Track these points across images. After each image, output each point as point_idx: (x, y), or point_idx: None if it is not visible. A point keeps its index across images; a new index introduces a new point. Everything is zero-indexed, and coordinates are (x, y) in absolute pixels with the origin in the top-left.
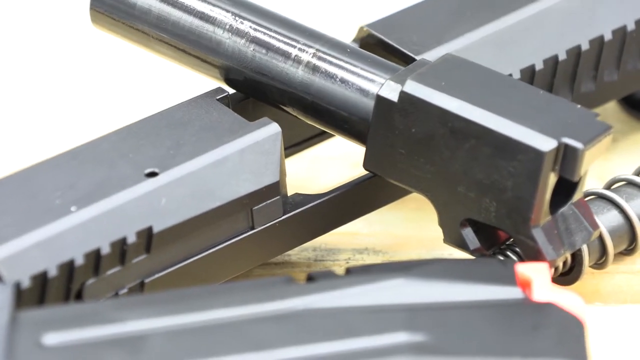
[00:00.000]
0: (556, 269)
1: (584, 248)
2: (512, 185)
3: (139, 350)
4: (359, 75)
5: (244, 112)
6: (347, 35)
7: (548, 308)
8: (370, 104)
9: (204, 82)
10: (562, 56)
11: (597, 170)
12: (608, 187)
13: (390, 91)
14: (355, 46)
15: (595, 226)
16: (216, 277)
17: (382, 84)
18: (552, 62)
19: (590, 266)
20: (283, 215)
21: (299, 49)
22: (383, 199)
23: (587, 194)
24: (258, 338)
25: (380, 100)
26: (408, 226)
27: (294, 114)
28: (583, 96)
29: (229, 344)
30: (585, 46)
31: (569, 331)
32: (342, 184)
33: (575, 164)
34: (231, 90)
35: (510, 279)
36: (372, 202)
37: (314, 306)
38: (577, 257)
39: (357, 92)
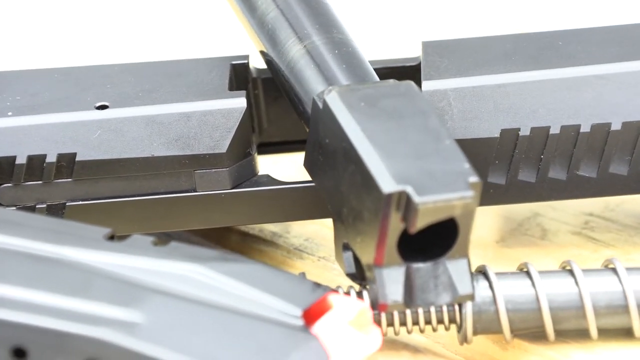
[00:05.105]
0: (440, 321)
1: (467, 312)
2: (367, 220)
3: None
4: (323, 75)
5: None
6: None
7: (306, 339)
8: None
9: None
10: (585, 128)
11: None
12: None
13: (323, 98)
14: (355, 49)
15: (467, 290)
16: (151, 226)
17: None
18: (573, 132)
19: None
20: (231, 189)
21: (297, 38)
22: None
23: (522, 267)
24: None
25: (313, 104)
26: None
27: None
28: (612, 177)
29: None
30: (616, 126)
31: None
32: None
33: (410, 215)
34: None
35: (304, 302)
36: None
37: (79, 260)
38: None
39: (312, 90)
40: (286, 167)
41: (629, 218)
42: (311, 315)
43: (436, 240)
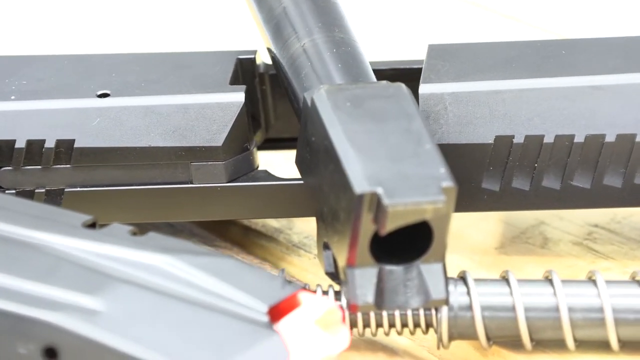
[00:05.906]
0: (417, 324)
1: (443, 316)
2: (342, 220)
3: None
4: (318, 74)
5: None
6: None
7: (267, 335)
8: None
9: None
10: (579, 138)
11: None
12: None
13: (312, 96)
14: (355, 49)
15: (440, 295)
16: (147, 215)
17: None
18: (567, 142)
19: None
20: (227, 183)
21: (298, 35)
22: None
23: (503, 274)
24: None
25: (304, 102)
26: None
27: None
28: (606, 189)
29: None
30: (610, 138)
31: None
32: None
33: (381, 217)
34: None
35: (271, 299)
36: None
37: (51, 245)
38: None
39: (306, 88)
40: None
41: (634, 231)
42: (278, 312)
43: (414, 244)
